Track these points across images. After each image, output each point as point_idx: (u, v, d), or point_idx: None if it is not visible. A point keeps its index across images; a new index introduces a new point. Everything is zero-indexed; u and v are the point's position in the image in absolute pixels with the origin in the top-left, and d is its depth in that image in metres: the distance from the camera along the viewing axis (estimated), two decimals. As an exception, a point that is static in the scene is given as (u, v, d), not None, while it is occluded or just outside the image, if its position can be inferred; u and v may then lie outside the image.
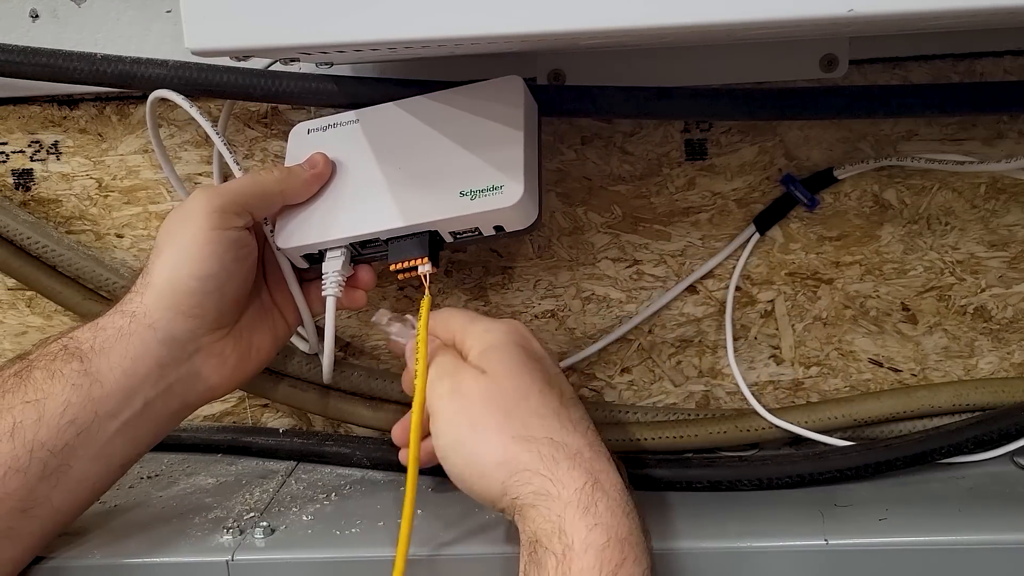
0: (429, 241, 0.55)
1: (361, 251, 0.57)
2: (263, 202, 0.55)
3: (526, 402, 0.48)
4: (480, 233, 0.55)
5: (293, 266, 0.58)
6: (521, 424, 0.47)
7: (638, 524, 0.46)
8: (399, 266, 0.55)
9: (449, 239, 0.56)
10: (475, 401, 0.49)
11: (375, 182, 0.56)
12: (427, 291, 0.54)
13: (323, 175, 0.57)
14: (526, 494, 0.46)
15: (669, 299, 0.64)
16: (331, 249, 0.56)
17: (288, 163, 0.58)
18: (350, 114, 0.59)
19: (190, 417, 0.69)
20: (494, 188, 0.53)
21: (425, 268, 0.54)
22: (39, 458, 0.49)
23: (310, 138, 0.59)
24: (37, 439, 0.49)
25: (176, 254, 0.52)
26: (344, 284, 0.56)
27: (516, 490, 0.46)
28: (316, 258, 0.57)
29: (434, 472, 0.63)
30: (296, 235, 0.56)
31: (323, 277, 0.56)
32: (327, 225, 0.56)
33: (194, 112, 0.56)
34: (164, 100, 0.57)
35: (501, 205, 0.53)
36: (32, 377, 0.50)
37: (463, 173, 0.54)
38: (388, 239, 0.55)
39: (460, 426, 0.48)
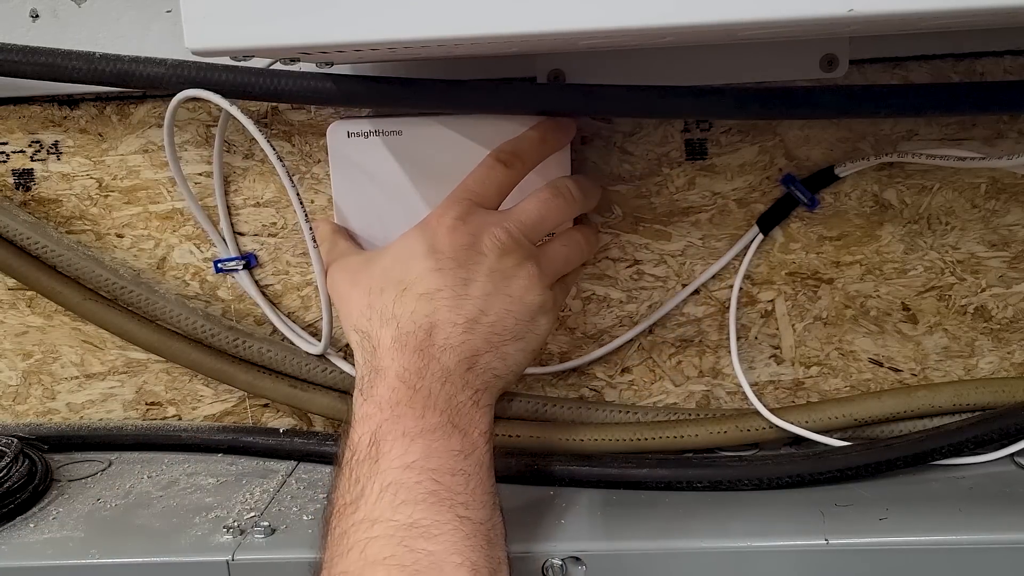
0: None
1: None
2: None
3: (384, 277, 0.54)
4: None
5: None
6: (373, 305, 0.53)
7: (409, 404, 0.50)
8: None
9: None
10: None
11: (425, 203, 0.58)
12: None
13: None
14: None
15: (675, 302, 0.64)
16: None
17: (335, 169, 0.60)
18: (394, 122, 0.59)
19: (189, 417, 0.70)
20: None
21: None
22: None
23: (352, 144, 0.60)
24: None
25: None
26: None
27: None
28: None
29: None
30: None
31: None
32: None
33: (234, 111, 0.55)
34: (162, 100, 0.57)
35: None
36: None
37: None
38: None
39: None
